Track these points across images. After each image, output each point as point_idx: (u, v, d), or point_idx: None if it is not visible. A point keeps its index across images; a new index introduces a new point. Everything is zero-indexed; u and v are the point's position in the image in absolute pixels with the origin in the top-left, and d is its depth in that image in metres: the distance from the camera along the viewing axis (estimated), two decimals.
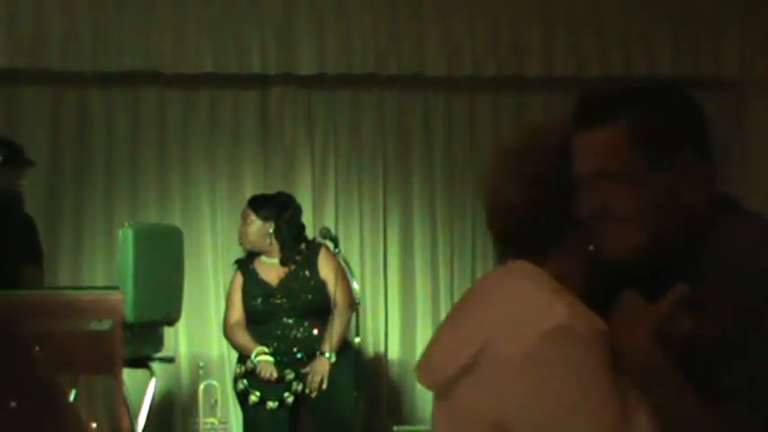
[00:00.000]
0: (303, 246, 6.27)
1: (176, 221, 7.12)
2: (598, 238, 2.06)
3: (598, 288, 2.08)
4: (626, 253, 2.03)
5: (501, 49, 7.59)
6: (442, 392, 2.16)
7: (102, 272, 7.27)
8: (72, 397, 5.52)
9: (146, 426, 6.03)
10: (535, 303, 2.06)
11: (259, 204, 6.31)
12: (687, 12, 7.74)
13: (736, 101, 7.92)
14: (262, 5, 7.39)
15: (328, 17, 7.43)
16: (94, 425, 5.94)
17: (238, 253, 7.44)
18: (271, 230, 6.24)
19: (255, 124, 7.59)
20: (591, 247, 2.08)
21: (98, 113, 7.42)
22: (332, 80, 7.56)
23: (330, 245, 6.21)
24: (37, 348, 4.41)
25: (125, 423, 5.45)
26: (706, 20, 7.76)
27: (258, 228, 6.26)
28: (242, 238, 6.33)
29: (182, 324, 6.71)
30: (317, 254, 6.23)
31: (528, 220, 2.13)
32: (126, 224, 6.14)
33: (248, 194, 7.52)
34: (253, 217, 6.27)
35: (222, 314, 7.36)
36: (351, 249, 7.48)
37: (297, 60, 7.41)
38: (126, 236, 5.90)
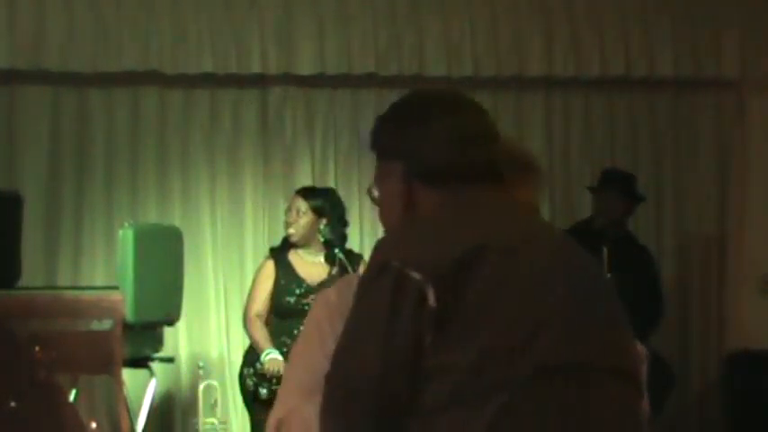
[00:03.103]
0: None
1: (176, 221, 7.12)
2: None
3: None
4: None
5: (501, 49, 7.58)
6: None
7: (102, 272, 7.26)
8: (72, 397, 5.52)
9: (146, 426, 6.03)
10: None
11: (312, 197, 6.14)
12: (687, 12, 7.74)
13: (736, 101, 7.92)
14: (262, 5, 7.39)
15: (328, 17, 7.43)
16: (94, 425, 5.94)
17: (238, 253, 7.47)
18: (322, 225, 6.12)
19: (255, 124, 7.58)
20: None
21: (98, 113, 7.41)
22: (332, 80, 7.55)
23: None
24: (37, 348, 4.41)
25: (125, 423, 5.45)
26: (706, 20, 7.76)
27: (311, 221, 6.10)
28: (290, 229, 6.13)
29: (182, 324, 6.71)
30: (358, 264, 6.09)
31: None
32: (126, 224, 6.14)
33: (248, 194, 7.54)
34: (305, 209, 6.10)
35: (222, 314, 7.38)
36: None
37: (297, 60, 7.41)
38: (126, 236, 5.90)
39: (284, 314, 6.06)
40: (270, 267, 6.15)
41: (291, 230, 6.13)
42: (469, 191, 2.23)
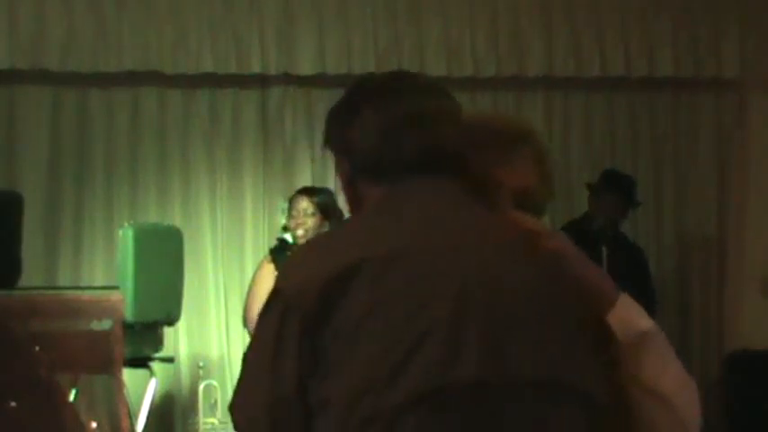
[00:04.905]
0: None
1: (176, 221, 7.12)
2: None
3: None
4: None
5: (501, 49, 7.59)
6: None
7: (102, 272, 7.26)
8: (72, 397, 5.52)
9: (146, 426, 6.03)
10: None
11: (318, 197, 6.16)
12: (687, 12, 7.74)
13: (736, 101, 7.92)
14: (262, 5, 7.39)
15: (328, 17, 7.43)
16: (94, 425, 5.94)
17: (238, 253, 7.46)
18: (327, 226, 6.08)
19: (255, 124, 7.59)
20: None
21: (98, 113, 7.42)
22: (332, 80, 7.55)
23: None
24: (37, 348, 4.41)
25: (125, 423, 5.45)
26: (706, 20, 7.76)
27: (318, 221, 6.09)
28: (299, 231, 6.11)
29: (182, 324, 6.71)
30: None
31: None
32: (126, 224, 6.15)
33: (248, 194, 7.54)
34: (312, 209, 6.11)
35: (222, 314, 7.38)
36: None
37: (297, 60, 7.41)
38: (126, 236, 5.90)
39: None
40: (270, 268, 6.15)
41: (300, 231, 6.12)
42: (407, 185, 2.01)
